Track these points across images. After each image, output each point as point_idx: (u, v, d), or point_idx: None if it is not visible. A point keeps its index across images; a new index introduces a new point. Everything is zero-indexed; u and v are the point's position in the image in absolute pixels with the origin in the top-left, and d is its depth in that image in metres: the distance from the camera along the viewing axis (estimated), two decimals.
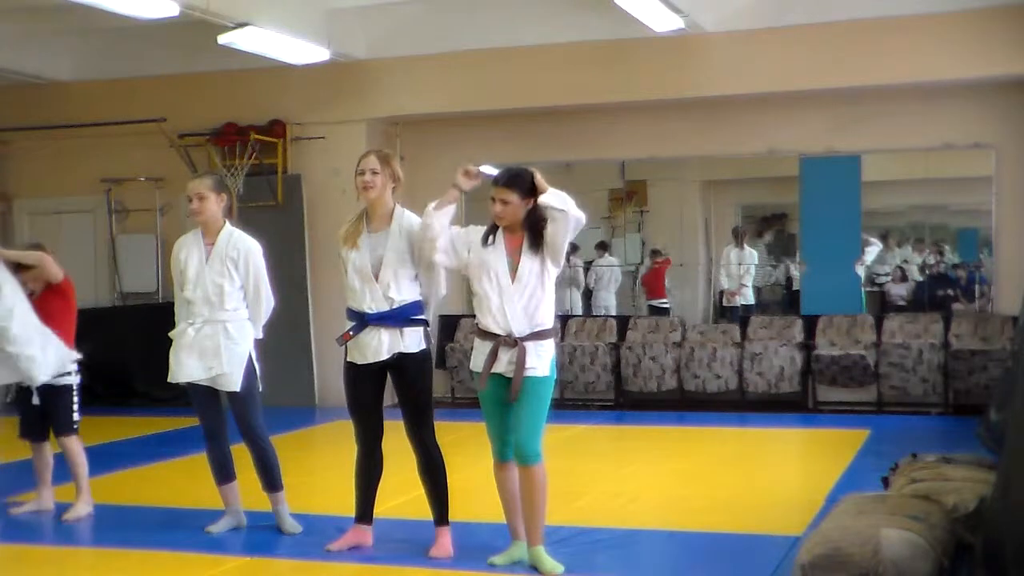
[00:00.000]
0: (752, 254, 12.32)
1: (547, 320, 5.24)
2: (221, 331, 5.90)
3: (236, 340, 5.93)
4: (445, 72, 11.24)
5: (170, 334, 6.04)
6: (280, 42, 10.07)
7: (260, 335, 6.10)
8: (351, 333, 5.51)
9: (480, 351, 5.27)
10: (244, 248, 5.97)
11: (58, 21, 10.77)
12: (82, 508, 6.55)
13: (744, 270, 12.25)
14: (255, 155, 11.49)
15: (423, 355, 5.55)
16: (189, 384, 5.99)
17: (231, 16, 9.29)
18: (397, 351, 5.47)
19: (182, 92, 11.89)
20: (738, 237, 12.32)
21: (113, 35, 11.30)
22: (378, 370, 5.53)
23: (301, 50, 10.41)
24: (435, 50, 11.21)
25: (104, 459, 8.04)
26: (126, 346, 11.54)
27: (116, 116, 11.90)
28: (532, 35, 10.92)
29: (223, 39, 9.49)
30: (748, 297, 12.32)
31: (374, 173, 5.49)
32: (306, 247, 11.70)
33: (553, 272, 5.25)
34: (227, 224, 6.03)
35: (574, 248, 12.38)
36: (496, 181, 5.21)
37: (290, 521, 6.09)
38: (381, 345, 5.46)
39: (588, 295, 12.63)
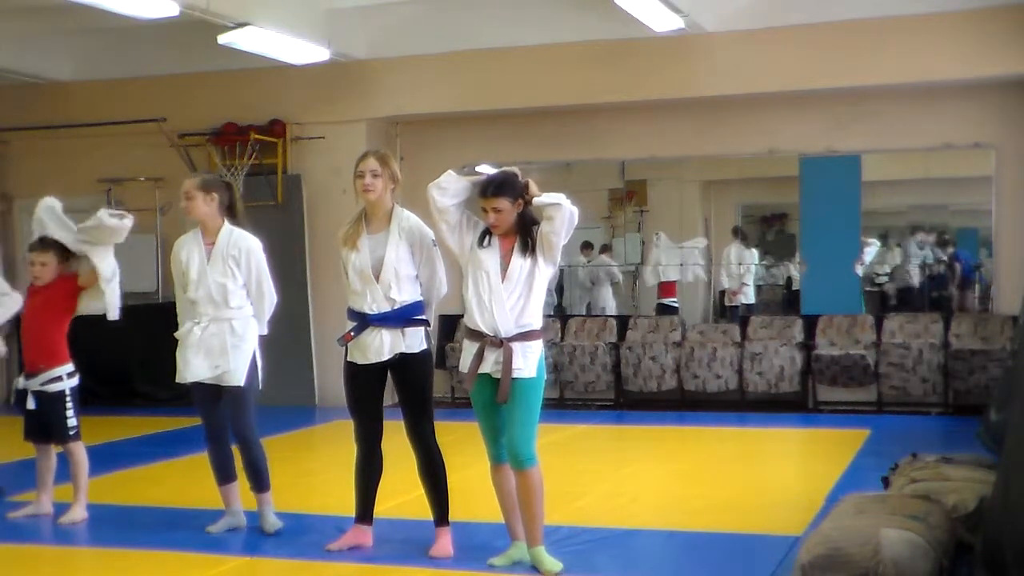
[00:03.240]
0: (752, 254, 12.32)
1: (534, 321, 5.21)
2: (227, 329, 5.92)
3: (242, 337, 5.95)
4: (445, 72, 11.24)
5: (176, 334, 6.05)
6: (280, 42, 10.06)
7: (265, 331, 6.11)
8: (352, 333, 5.51)
9: (468, 351, 5.26)
10: (245, 247, 5.99)
11: (58, 21, 10.75)
12: (78, 513, 6.50)
13: (744, 270, 12.25)
14: (255, 155, 11.48)
15: (424, 355, 5.56)
16: (193, 384, 5.99)
17: (231, 16, 9.29)
18: (398, 351, 5.48)
19: (182, 92, 11.89)
20: (738, 237, 12.31)
21: (113, 35, 11.29)
22: (379, 370, 5.53)
23: (301, 50, 10.41)
24: (435, 50, 11.21)
25: (104, 459, 8.03)
26: (126, 346, 11.52)
27: (116, 116, 11.90)
28: (532, 35, 10.91)
29: (223, 39, 9.49)
30: (749, 296, 12.32)
31: (374, 175, 5.49)
32: (306, 247, 11.69)
33: (546, 272, 5.22)
34: (226, 223, 6.05)
35: (605, 248, 12.45)
36: (484, 192, 5.18)
37: (271, 519, 6.07)
38: (382, 345, 5.47)
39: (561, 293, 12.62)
